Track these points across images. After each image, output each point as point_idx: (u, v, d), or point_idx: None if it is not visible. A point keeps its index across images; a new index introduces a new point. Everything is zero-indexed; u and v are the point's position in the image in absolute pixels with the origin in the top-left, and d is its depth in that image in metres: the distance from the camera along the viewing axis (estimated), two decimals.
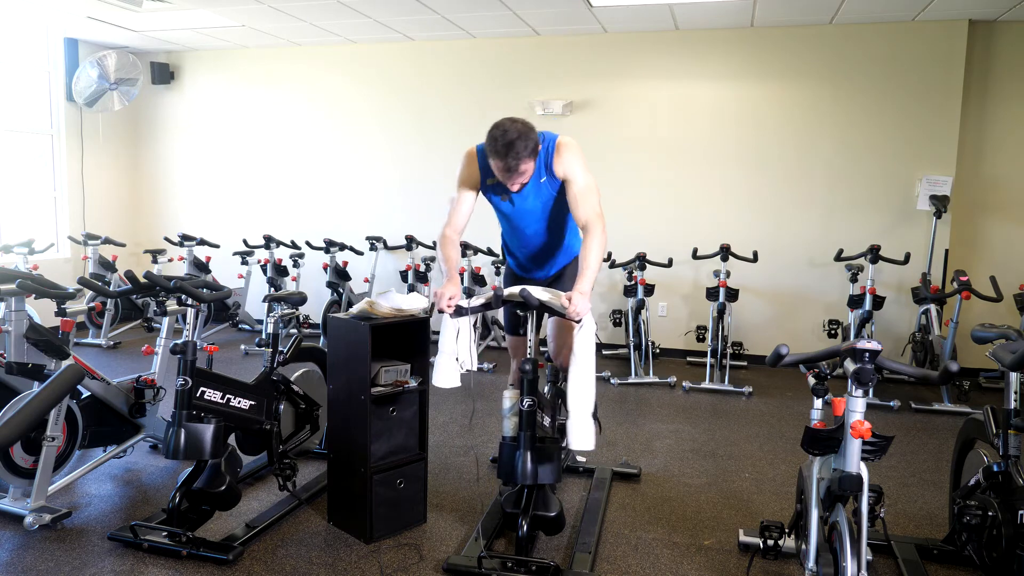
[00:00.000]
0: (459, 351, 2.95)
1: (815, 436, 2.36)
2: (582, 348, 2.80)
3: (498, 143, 2.79)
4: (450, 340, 2.94)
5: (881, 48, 6.04)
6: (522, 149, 2.80)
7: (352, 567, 2.87)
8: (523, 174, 2.89)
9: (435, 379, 2.95)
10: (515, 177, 2.89)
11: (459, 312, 2.85)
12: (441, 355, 2.95)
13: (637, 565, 2.93)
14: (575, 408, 2.79)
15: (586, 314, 2.76)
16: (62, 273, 7.23)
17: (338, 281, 6.49)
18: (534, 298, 2.77)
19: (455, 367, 2.94)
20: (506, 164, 2.82)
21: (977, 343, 3.02)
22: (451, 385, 2.95)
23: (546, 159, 2.99)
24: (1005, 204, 6.06)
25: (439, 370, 2.94)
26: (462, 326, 2.95)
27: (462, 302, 2.85)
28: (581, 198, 2.96)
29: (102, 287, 3.48)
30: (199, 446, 2.96)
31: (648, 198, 6.68)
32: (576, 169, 2.97)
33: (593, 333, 2.83)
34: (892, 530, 3.26)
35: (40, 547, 2.99)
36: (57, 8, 6.13)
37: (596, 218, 2.93)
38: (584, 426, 2.80)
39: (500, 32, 6.62)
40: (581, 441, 2.79)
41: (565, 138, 3.01)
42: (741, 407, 5.21)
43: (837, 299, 6.33)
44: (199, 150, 7.87)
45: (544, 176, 3.02)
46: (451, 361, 2.93)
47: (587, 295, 2.76)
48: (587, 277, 2.81)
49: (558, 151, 2.98)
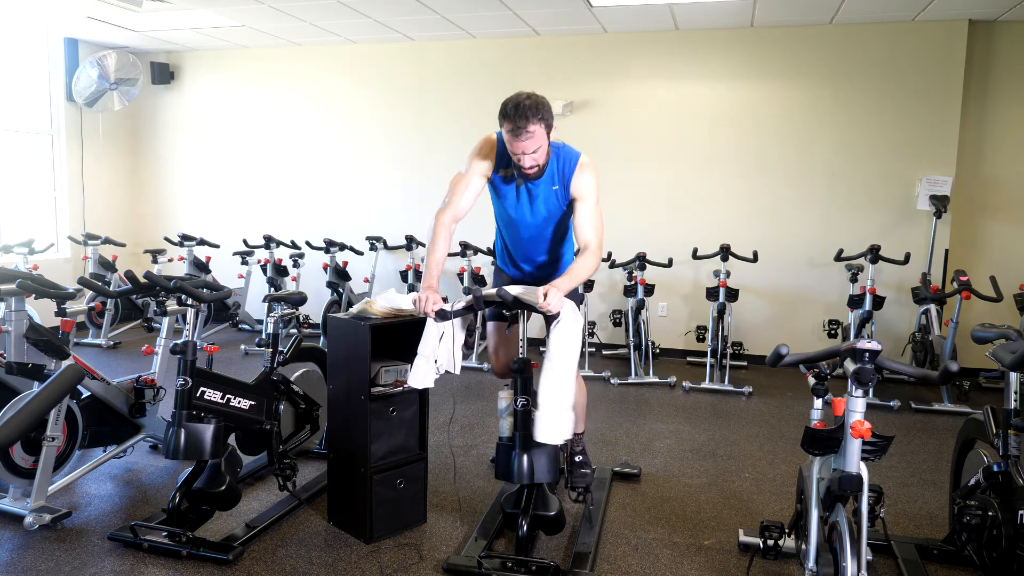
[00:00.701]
0: (440, 354, 2.94)
1: (815, 436, 2.36)
2: (557, 344, 2.78)
3: (508, 105, 2.78)
4: (432, 343, 2.93)
5: (881, 48, 6.04)
6: (531, 110, 2.75)
7: (352, 567, 2.87)
8: (532, 135, 2.77)
9: (410, 379, 2.95)
10: (524, 142, 2.78)
11: (443, 316, 2.85)
12: (419, 357, 2.95)
13: (637, 565, 2.93)
14: (543, 400, 2.75)
15: (560, 308, 2.75)
16: (62, 273, 7.23)
17: (338, 281, 6.49)
18: (508, 294, 2.78)
19: (431, 369, 2.94)
20: (515, 125, 2.75)
21: (977, 343, 3.02)
22: (424, 386, 2.96)
23: (564, 170, 2.96)
24: (1005, 204, 6.06)
25: (415, 371, 2.94)
26: (447, 330, 2.95)
27: (445, 306, 2.85)
28: (589, 220, 2.96)
29: (102, 287, 3.48)
30: (199, 446, 2.96)
31: (648, 198, 6.68)
32: (592, 192, 2.97)
33: (574, 329, 2.80)
34: (892, 530, 3.26)
35: (40, 547, 2.99)
36: (57, 8, 6.13)
37: (597, 244, 2.95)
38: (551, 419, 2.74)
39: (500, 32, 6.62)
40: (547, 434, 2.75)
41: (588, 159, 3.00)
42: (741, 407, 5.21)
43: (837, 299, 6.33)
44: (199, 150, 7.87)
45: (557, 185, 2.99)
46: (428, 362, 2.94)
47: (563, 291, 2.74)
48: (568, 276, 2.82)
49: (581, 168, 2.96)
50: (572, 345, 2.81)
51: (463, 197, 3.02)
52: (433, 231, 2.98)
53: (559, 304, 2.73)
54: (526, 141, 2.79)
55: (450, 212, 3.00)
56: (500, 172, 3.04)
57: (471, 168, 3.03)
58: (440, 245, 2.97)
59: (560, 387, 2.77)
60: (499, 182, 3.08)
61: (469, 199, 3.04)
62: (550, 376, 2.77)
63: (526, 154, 2.83)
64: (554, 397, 2.76)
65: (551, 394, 2.76)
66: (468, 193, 3.03)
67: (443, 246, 2.97)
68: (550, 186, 3.00)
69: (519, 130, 2.76)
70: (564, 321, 2.78)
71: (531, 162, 2.86)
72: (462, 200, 3.02)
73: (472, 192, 3.04)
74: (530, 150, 2.82)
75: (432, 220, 3.01)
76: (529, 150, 2.82)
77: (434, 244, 2.97)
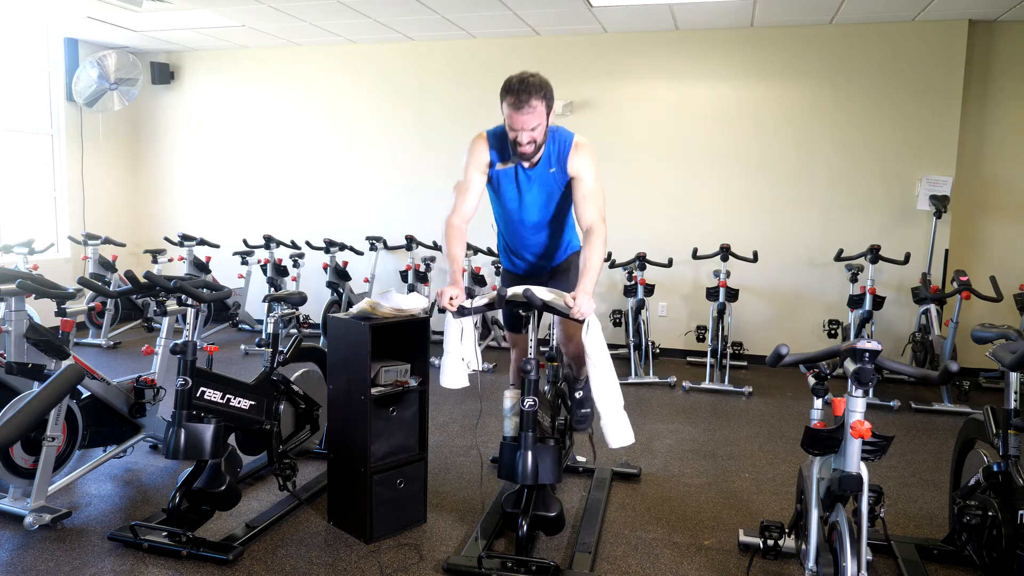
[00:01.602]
0: (464, 351, 2.94)
1: (815, 436, 2.36)
2: (594, 349, 2.81)
3: (512, 80, 2.82)
4: (455, 340, 2.94)
5: (881, 48, 6.04)
6: (535, 88, 2.79)
7: (352, 567, 2.87)
8: (533, 110, 2.80)
9: (443, 380, 2.95)
10: (524, 115, 2.80)
11: (462, 312, 2.85)
12: (447, 356, 2.95)
13: (637, 565, 2.93)
14: (603, 407, 2.84)
15: (590, 314, 2.77)
16: (62, 273, 7.23)
17: (338, 281, 6.49)
18: (538, 299, 2.78)
19: (462, 367, 2.94)
20: (517, 98, 2.77)
21: (977, 343, 3.02)
22: (459, 385, 2.95)
23: (560, 151, 2.99)
24: (1005, 204, 6.06)
25: (446, 371, 2.95)
26: (465, 326, 2.95)
27: (465, 302, 2.85)
28: (590, 198, 2.98)
29: (102, 287, 3.48)
30: (199, 446, 2.96)
31: (648, 198, 6.68)
32: (590, 170, 3.00)
33: (600, 332, 2.85)
34: (892, 530, 3.26)
35: (40, 547, 2.99)
36: (57, 8, 6.13)
37: (600, 221, 2.96)
38: (616, 423, 2.84)
39: (500, 32, 6.62)
40: (619, 438, 2.84)
41: (584, 139, 3.03)
42: (741, 407, 5.21)
43: (837, 299, 6.33)
44: (199, 150, 7.87)
45: (554, 167, 3.02)
46: (457, 361, 2.94)
47: (590, 295, 2.77)
48: (589, 277, 2.83)
49: (576, 148, 2.99)
50: (604, 346, 2.86)
51: (467, 197, 3.06)
52: (445, 235, 3.03)
53: (590, 309, 2.76)
54: (527, 115, 2.81)
55: (457, 214, 3.05)
56: (498, 165, 3.07)
57: (469, 169, 3.07)
58: (455, 245, 3.01)
59: (613, 390, 2.85)
60: (497, 176, 3.10)
61: (473, 198, 3.07)
62: (600, 382, 2.82)
63: (524, 130, 2.84)
64: (611, 401, 2.83)
65: (607, 399, 2.83)
66: (472, 192, 3.07)
67: (458, 246, 3.01)
68: (547, 169, 3.03)
69: (521, 103, 2.78)
70: (594, 326, 2.81)
71: (528, 139, 2.87)
72: (466, 200, 3.06)
73: (475, 190, 3.07)
74: (529, 125, 2.83)
75: (443, 226, 3.06)
76: (528, 125, 2.83)
77: (449, 246, 3.01)
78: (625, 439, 2.85)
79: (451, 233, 3.02)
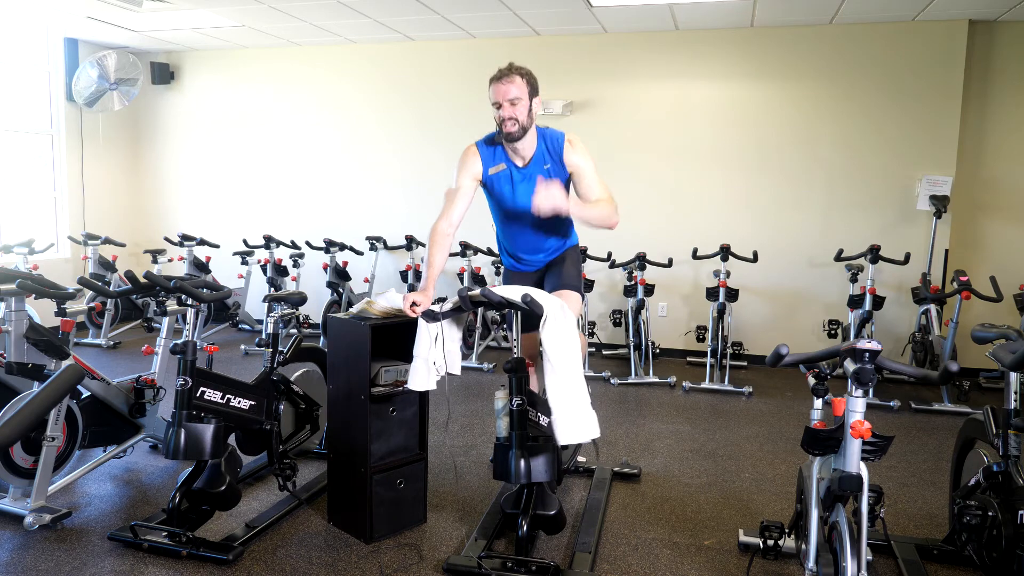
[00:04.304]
0: (434, 356, 2.95)
1: (815, 436, 2.36)
2: (551, 343, 2.76)
3: (500, 69, 3.00)
4: (425, 345, 2.95)
5: (881, 48, 6.04)
6: (517, 68, 2.97)
7: (352, 567, 2.87)
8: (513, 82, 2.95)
9: (410, 382, 2.96)
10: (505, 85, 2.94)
11: (432, 317, 2.89)
12: (416, 359, 2.96)
13: (637, 565, 2.93)
14: (553, 403, 2.75)
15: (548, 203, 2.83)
16: (62, 273, 7.23)
17: (338, 281, 6.49)
18: (495, 295, 2.80)
19: (431, 370, 2.96)
20: (499, 73, 2.96)
21: (977, 343, 3.02)
22: (427, 388, 2.97)
23: (554, 148, 3.08)
24: (1005, 204, 6.06)
25: (414, 373, 2.96)
26: (439, 331, 2.97)
27: (435, 306, 2.89)
28: (596, 183, 3.10)
29: (102, 287, 3.48)
30: (199, 446, 2.96)
31: (648, 198, 6.68)
32: (588, 162, 3.11)
33: (563, 324, 2.79)
34: (892, 530, 3.26)
35: (40, 547, 2.99)
36: (57, 8, 6.13)
37: (610, 199, 3.08)
38: (566, 420, 2.75)
39: (500, 32, 6.62)
40: (566, 435, 2.75)
41: (575, 135, 3.14)
42: (741, 407, 5.21)
43: (837, 299, 6.33)
44: (199, 150, 7.87)
45: (549, 163, 3.09)
46: (426, 365, 2.95)
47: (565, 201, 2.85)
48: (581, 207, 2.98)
49: (569, 144, 3.10)
50: (566, 341, 2.78)
51: (456, 203, 3.13)
52: (429, 240, 3.10)
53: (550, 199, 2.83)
54: (507, 85, 2.94)
55: (444, 220, 3.11)
56: (490, 171, 3.15)
57: (460, 176, 3.15)
58: (436, 251, 3.07)
59: (567, 386, 2.77)
60: (491, 180, 3.16)
61: (462, 205, 3.14)
62: (552, 377, 2.77)
63: (506, 100, 2.95)
64: (563, 397, 2.76)
65: (559, 395, 2.76)
66: (460, 199, 3.13)
67: (439, 252, 3.07)
68: (541, 165, 3.10)
69: (502, 76, 2.96)
70: (550, 319, 2.78)
71: (510, 113, 2.96)
72: (455, 207, 3.12)
73: (464, 197, 3.14)
74: (510, 95, 2.94)
75: (431, 229, 3.11)
76: (509, 95, 2.94)
77: (430, 251, 3.08)
78: (574, 437, 2.75)
79: (435, 239, 3.08)
